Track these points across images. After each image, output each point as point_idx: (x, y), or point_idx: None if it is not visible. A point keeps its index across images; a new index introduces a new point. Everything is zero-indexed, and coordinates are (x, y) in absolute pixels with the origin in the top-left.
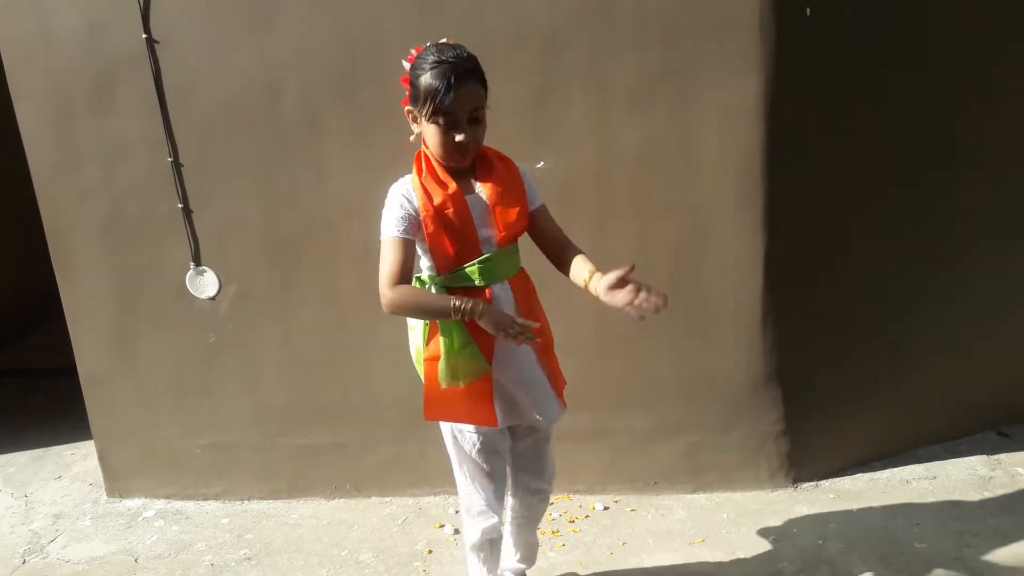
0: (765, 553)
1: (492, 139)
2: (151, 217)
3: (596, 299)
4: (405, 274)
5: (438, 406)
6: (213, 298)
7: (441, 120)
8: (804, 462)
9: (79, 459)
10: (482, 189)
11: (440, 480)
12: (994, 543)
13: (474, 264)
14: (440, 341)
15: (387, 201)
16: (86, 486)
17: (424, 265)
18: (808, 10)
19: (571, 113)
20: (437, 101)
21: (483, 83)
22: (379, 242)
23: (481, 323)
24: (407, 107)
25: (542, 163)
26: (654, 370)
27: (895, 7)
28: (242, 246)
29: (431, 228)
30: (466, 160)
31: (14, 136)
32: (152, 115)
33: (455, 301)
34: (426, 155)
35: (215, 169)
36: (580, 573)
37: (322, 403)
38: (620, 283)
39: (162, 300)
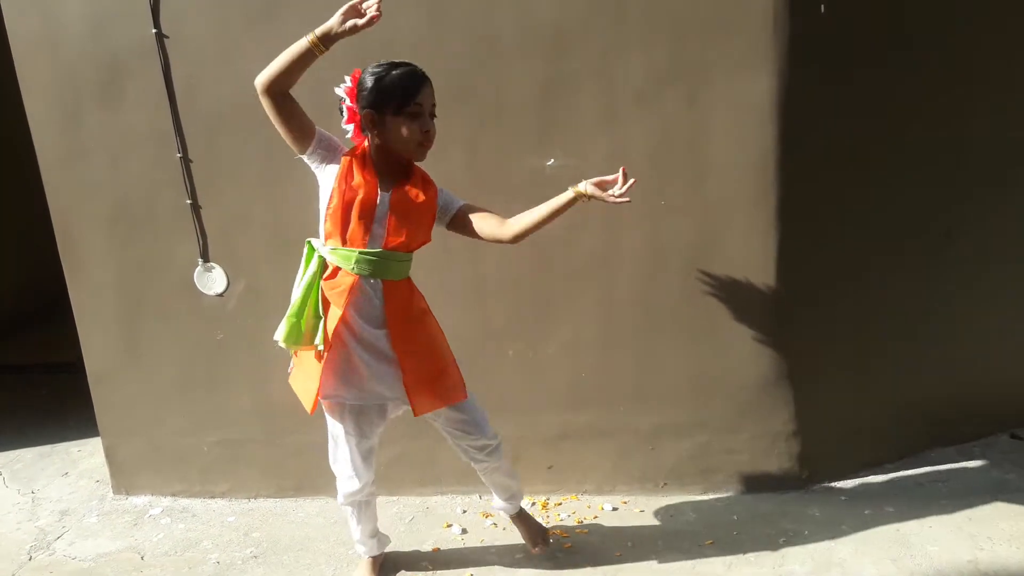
0: (776, 555)
1: (502, 137)
2: (159, 212)
3: (605, 300)
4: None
5: (295, 371)
6: (221, 294)
7: (412, 112)
8: (815, 463)
9: (86, 456)
10: (394, 193)
11: (448, 479)
12: (1007, 546)
13: (353, 251)
14: (292, 300)
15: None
16: (92, 483)
17: (320, 233)
18: (822, 6)
19: (580, 111)
20: (410, 95)
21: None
22: None
23: (335, 29)
24: (362, 111)
25: (552, 161)
26: (663, 370)
27: (911, 3)
28: (250, 242)
29: (334, 199)
30: (423, 156)
31: (23, 130)
32: (161, 109)
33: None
34: (366, 149)
35: (223, 165)
36: (588, 573)
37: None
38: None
39: (170, 296)
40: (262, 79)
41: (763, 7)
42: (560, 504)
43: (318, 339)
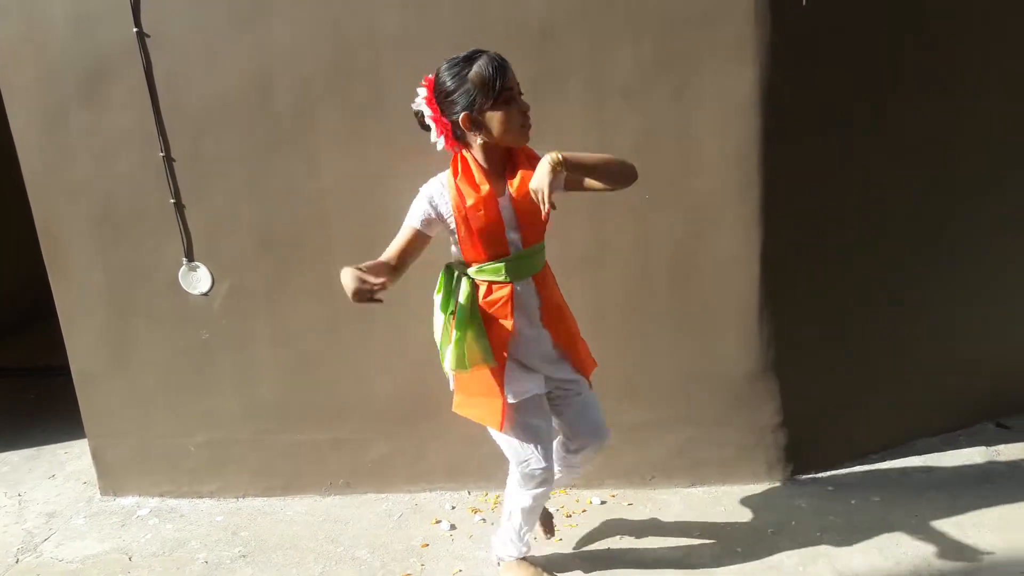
0: (763, 546)
1: None
2: (144, 213)
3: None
4: (401, 259)
5: (460, 397)
6: (206, 294)
7: (506, 99)
8: (802, 455)
9: (73, 458)
10: (512, 192)
11: (436, 476)
12: (993, 534)
13: (500, 262)
14: (452, 327)
15: (419, 194)
16: (80, 485)
17: (455, 255)
18: (804, 1)
19: (567, 105)
20: (500, 81)
21: None
22: (373, 235)
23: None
24: (454, 116)
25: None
26: (650, 364)
27: None
28: (235, 242)
29: (462, 229)
30: (529, 137)
31: (5, 131)
32: (144, 109)
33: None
34: (463, 157)
35: (208, 164)
36: (578, 568)
37: (317, 399)
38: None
39: (155, 296)
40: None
41: (747, 1)
42: (549, 498)
43: (487, 356)
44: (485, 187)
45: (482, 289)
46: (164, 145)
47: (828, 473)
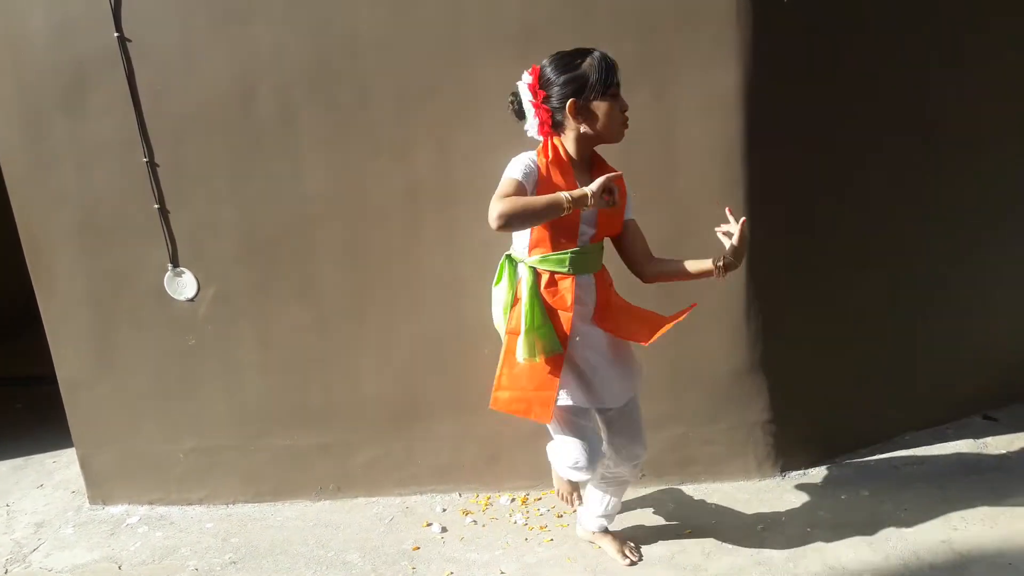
0: (754, 542)
1: (470, 135)
2: (127, 219)
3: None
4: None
5: (505, 392)
6: (192, 300)
7: (614, 93)
8: (791, 451)
9: (61, 467)
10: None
11: (427, 479)
12: (981, 526)
13: (566, 253)
14: (522, 316)
15: (514, 160)
16: (68, 494)
17: (516, 244)
18: None
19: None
20: (613, 76)
21: None
22: (356, 238)
23: (592, 202)
24: (558, 103)
25: None
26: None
27: None
28: (220, 247)
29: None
30: (624, 135)
31: None
32: (126, 115)
33: (565, 193)
34: (555, 144)
35: (191, 169)
36: (568, 566)
37: (305, 404)
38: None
39: (141, 303)
40: (502, 219)
41: (728, 1)
42: (540, 499)
43: (555, 345)
44: (571, 174)
45: (544, 279)
46: (147, 151)
47: (817, 468)
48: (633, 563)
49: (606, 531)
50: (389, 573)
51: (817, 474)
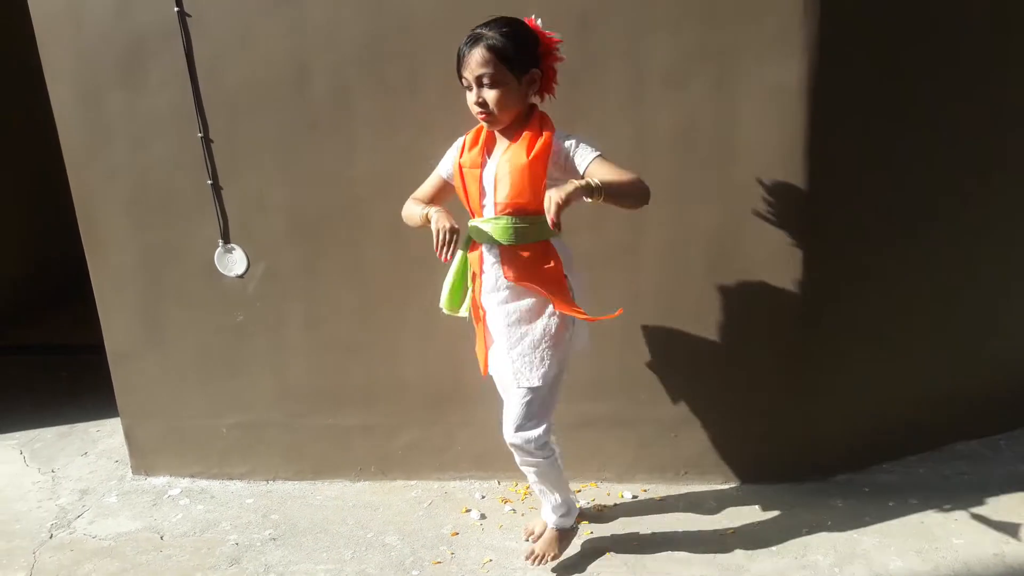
0: (798, 545)
1: None
2: (180, 193)
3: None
4: (422, 200)
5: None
6: (241, 276)
7: (465, 87)
8: (838, 454)
9: (105, 436)
10: (501, 159)
11: (466, 464)
12: None
13: (476, 221)
14: (453, 273)
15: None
16: (112, 463)
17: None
18: None
19: (605, 94)
20: (458, 69)
21: (499, 52)
22: (402, 223)
23: (435, 227)
24: None
25: None
26: (685, 358)
27: None
28: (270, 224)
29: (455, 180)
30: (494, 123)
31: (43, 111)
32: (183, 90)
33: (430, 210)
34: None
35: (244, 146)
36: (608, 561)
37: (349, 384)
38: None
39: (190, 277)
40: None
41: None
42: (580, 491)
43: (465, 307)
44: (477, 148)
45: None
46: (202, 126)
47: (865, 474)
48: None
49: (552, 527)
50: (428, 557)
51: (863, 480)
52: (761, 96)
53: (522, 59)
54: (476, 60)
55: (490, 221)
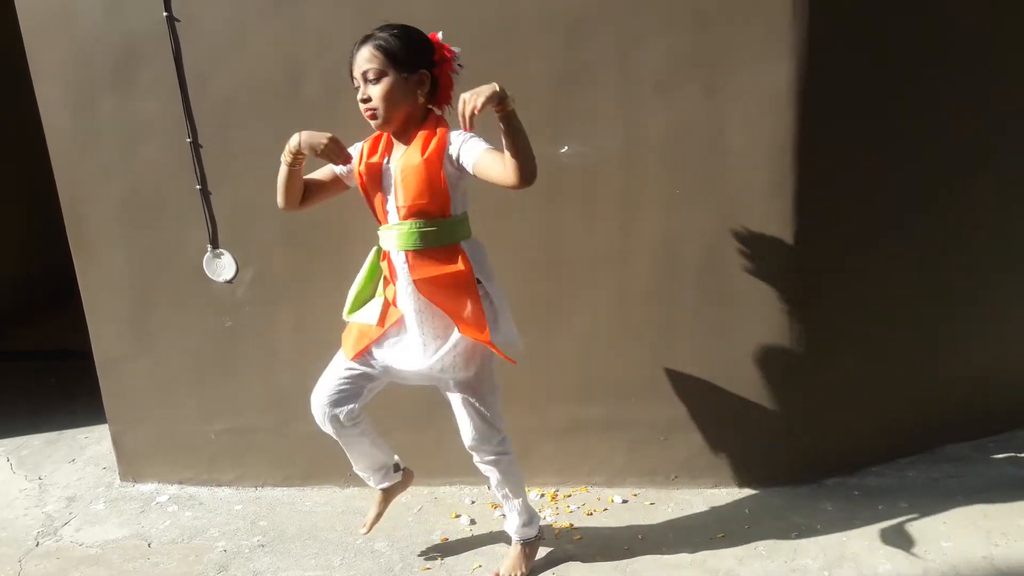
0: (788, 549)
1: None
2: (169, 198)
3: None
4: (307, 183)
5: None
6: (230, 281)
7: (356, 87)
8: (828, 458)
9: (93, 442)
10: (397, 162)
11: (456, 470)
12: (1023, 543)
13: (381, 230)
14: (360, 280)
15: None
16: (100, 470)
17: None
18: None
19: (597, 98)
20: (350, 68)
21: (384, 49)
22: None
23: (304, 149)
24: None
25: (566, 148)
26: (677, 363)
27: None
28: (259, 229)
29: (359, 190)
30: (381, 123)
31: (32, 115)
32: (172, 95)
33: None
34: None
35: (234, 151)
36: (598, 566)
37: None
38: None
39: (179, 282)
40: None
41: None
42: (570, 496)
43: (375, 317)
44: (377, 155)
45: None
46: (191, 131)
47: (855, 477)
48: None
49: (517, 541)
50: (417, 564)
51: (854, 483)
52: (751, 99)
53: (410, 59)
54: (363, 56)
55: (395, 227)
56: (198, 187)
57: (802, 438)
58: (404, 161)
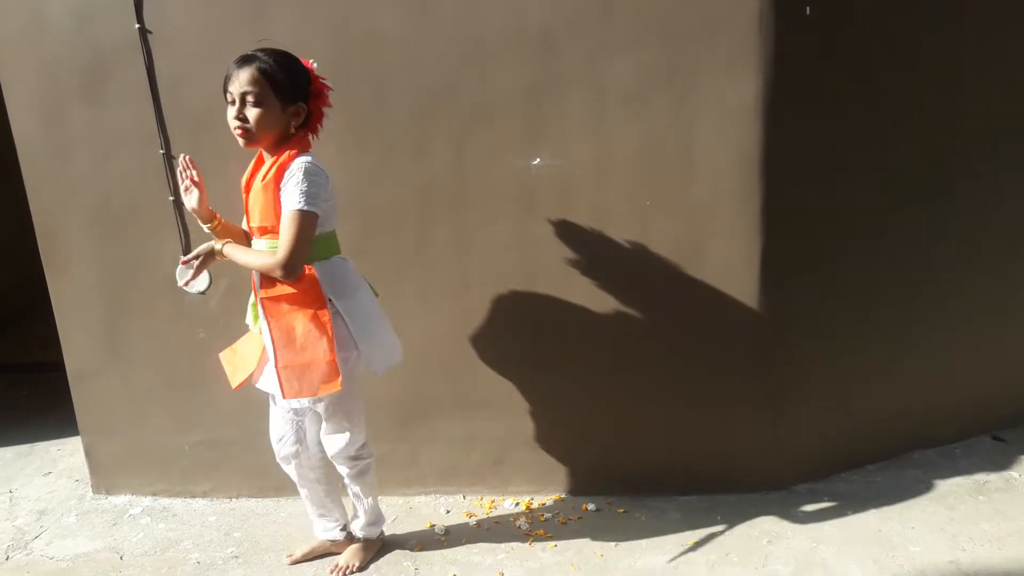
0: (759, 555)
1: (488, 137)
2: (142, 210)
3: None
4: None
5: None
6: (203, 293)
7: (228, 101)
8: (798, 465)
9: (65, 455)
10: (253, 183)
11: (431, 480)
12: (989, 547)
13: (253, 244)
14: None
15: None
16: (72, 482)
17: None
18: (808, 9)
19: (568, 112)
20: (224, 82)
21: (268, 75)
22: (369, 236)
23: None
24: None
25: (538, 160)
26: (647, 371)
27: (896, 7)
28: None
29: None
30: (249, 142)
31: (4, 127)
32: (144, 106)
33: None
34: None
35: (207, 162)
36: (573, 574)
37: None
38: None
39: (152, 294)
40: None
41: (750, 9)
42: (544, 504)
43: (249, 318)
44: (247, 173)
45: None
46: (164, 142)
47: (824, 483)
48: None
49: (362, 536)
50: (392, 573)
51: (823, 489)
52: (719, 112)
53: (290, 88)
54: (245, 78)
55: (253, 244)
56: (171, 198)
57: (772, 445)
58: (256, 182)
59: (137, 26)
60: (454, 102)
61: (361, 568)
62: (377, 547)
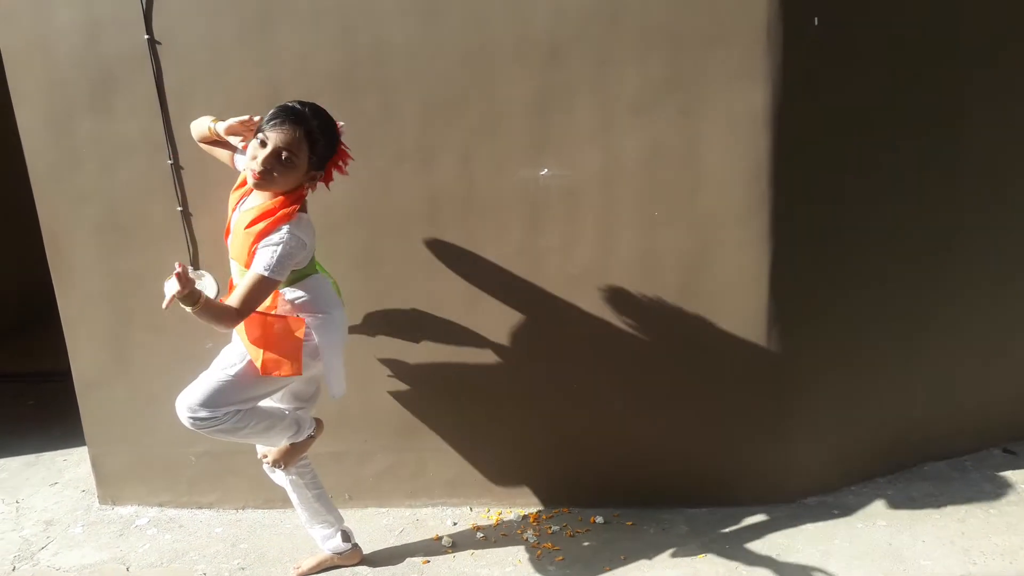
0: (768, 568)
1: (495, 147)
2: (150, 220)
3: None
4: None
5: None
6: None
7: (262, 140)
8: (808, 477)
9: (72, 465)
10: (242, 212)
11: (438, 491)
12: (1000, 561)
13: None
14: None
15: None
16: (78, 493)
17: None
18: (816, 19)
19: (575, 121)
20: (266, 121)
21: (312, 143)
22: (378, 246)
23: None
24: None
25: (545, 171)
26: (653, 381)
27: (903, 16)
28: None
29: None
30: (262, 188)
31: (14, 136)
32: (152, 117)
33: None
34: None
35: (214, 172)
36: None
37: (319, 411)
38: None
39: (159, 304)
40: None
41: (757, 19)
42: (552, 516)
43: None
44: (237, 195)
45: None
46: (172, 152)
47: (834, 496)
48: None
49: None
50: None
51: (834, 501)
52: (727, 122)
53: (322, 157)
54: (290, 137)
55: (232, 259)
56: (179, 208)
57: (782, 458)
58: (241, 216)
59: (146, 37)
60: (462, 112)
61: (287, 464)
62: (307, 447)
